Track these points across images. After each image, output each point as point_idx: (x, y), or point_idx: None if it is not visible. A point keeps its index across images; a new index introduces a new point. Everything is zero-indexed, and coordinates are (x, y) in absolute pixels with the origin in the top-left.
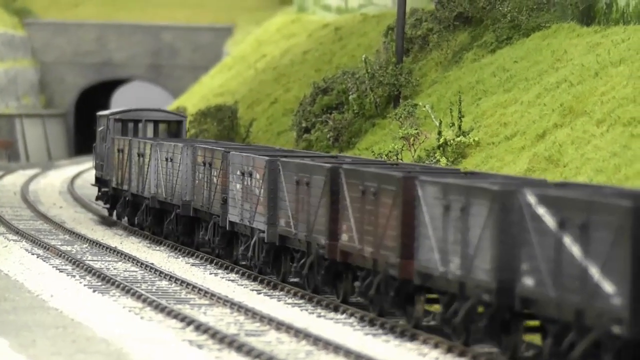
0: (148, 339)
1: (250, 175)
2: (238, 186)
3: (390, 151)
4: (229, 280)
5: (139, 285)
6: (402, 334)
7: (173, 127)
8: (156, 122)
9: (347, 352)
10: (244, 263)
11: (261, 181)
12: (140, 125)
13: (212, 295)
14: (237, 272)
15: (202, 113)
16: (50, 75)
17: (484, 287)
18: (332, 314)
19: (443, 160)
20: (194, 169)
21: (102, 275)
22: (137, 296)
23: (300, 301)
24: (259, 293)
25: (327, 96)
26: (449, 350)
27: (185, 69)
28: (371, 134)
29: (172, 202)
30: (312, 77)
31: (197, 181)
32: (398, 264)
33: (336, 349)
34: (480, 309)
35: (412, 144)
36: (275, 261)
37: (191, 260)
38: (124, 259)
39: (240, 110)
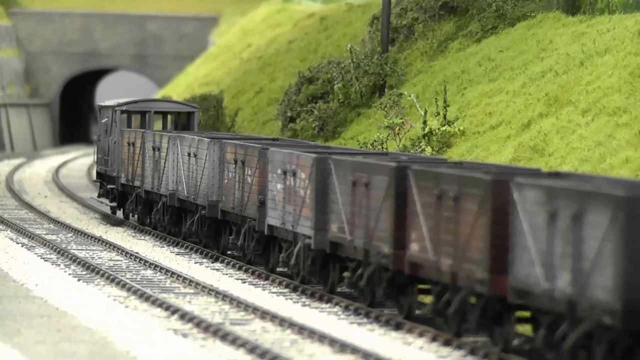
0: (133, 327)
1: (294, 174)
2: (279, 186)
3: (375, 140)
4: (213, 269)
5: (123, 274)
6: (387, 323)
7: (183, 119)
8: (165, 114)
9: (332, 341)
10: (282, 271)
11: (307, 181)
12: (148, 116)
13: (197, 284)
14: (222, 262)
15: None
16: (36, 64)
17: (603, 307)
18: (317, 303)
19: (428, 150)
20: (222, 166)
21: (87, 264)
22: (122, 285)
23: (285, 290)
24: (244, 282)
25: (313, 85)
26: (434, 339)
27: (171, 59)
28: (356, 124)
29: (195, 202)
30: (297, 67)
31: (225, 180)
32: (487, 279)
33: (321, 337)
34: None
35: (398, 134)
36: (322, 270)
37: (176, 250)
38: (109, 248)
39: (226, 100)
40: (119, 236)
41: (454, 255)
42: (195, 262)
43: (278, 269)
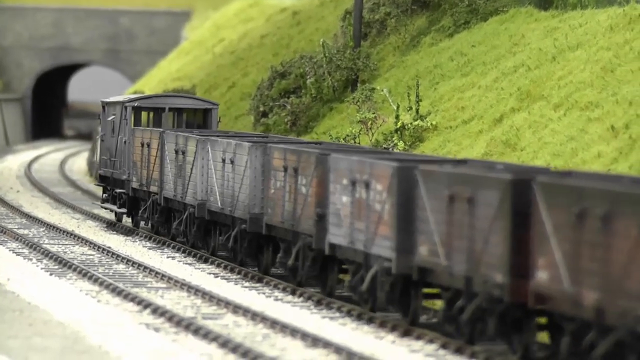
0: (105, 322)
1: (367, 185)
2: (344, 199)
3: (347, 135)
4: (186, 263)
5: (95, 268)
6: (359, 317)
7: (199, 117)
8: (180, 110)
9: (304, 335)
10: (343, 295)
11: (385, 194)
12: (163, 114)
13: (169, 278)
14: (194, 256)
15: None
16: (8, 59)
17: None
18: (289, 297)
19: (400, 144)
20: (266, 174)
21: (59, 258)
22: (94, 279)
23: (257, 284)
24: (216, 276)
25: (285, 80)
26: (406, 333)
27: (143, 54)
28: (329, 118)
29: (232, 215)
30: (270, 62)
31: (272, 190)
32: None
33: (293, 332)
34: None
35: (370, 128)
36: (402, 298)
37: (148, 244)
38: (81, 242)
39: (198, 95)
40: (91, 230)
41: (603, 287)
42: (168, 257)
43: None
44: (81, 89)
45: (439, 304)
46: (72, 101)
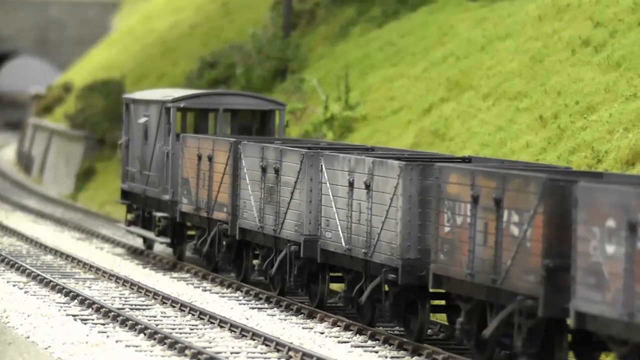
0: (32, 313)
1: None
2: (610, 249)
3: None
4: (114, 254)
5: (23, 259)
6: (287, 308)
7: (256, 119)
8: (235, 112)
9: (232, 326)
10: None
11: None
12: (217, 116)
13: (98, 269)
14: (123, 247)
15: (88, 88)
16: None
17: None
18: (217, 288)
19: (330, 135)
20: (434, 206)
21: None
22: (22, 271)
23: (186, 275)
24: (145, 267)
25: (215, 70)
26: (334, 324)
27: (73, 44)
28: None
29: (368, 259)
30: (199, 52)
31: (446, 228)
32: None
33: (221, 323)
34: None
35: (299, 118)
36: None
37: (77, 235)
38: (9, 233)
39: (128, 85)
40: (20, 221)
41: None
42: (96, 247)
43: None
44: (10, 79)
45: None
46: (1, 91)
